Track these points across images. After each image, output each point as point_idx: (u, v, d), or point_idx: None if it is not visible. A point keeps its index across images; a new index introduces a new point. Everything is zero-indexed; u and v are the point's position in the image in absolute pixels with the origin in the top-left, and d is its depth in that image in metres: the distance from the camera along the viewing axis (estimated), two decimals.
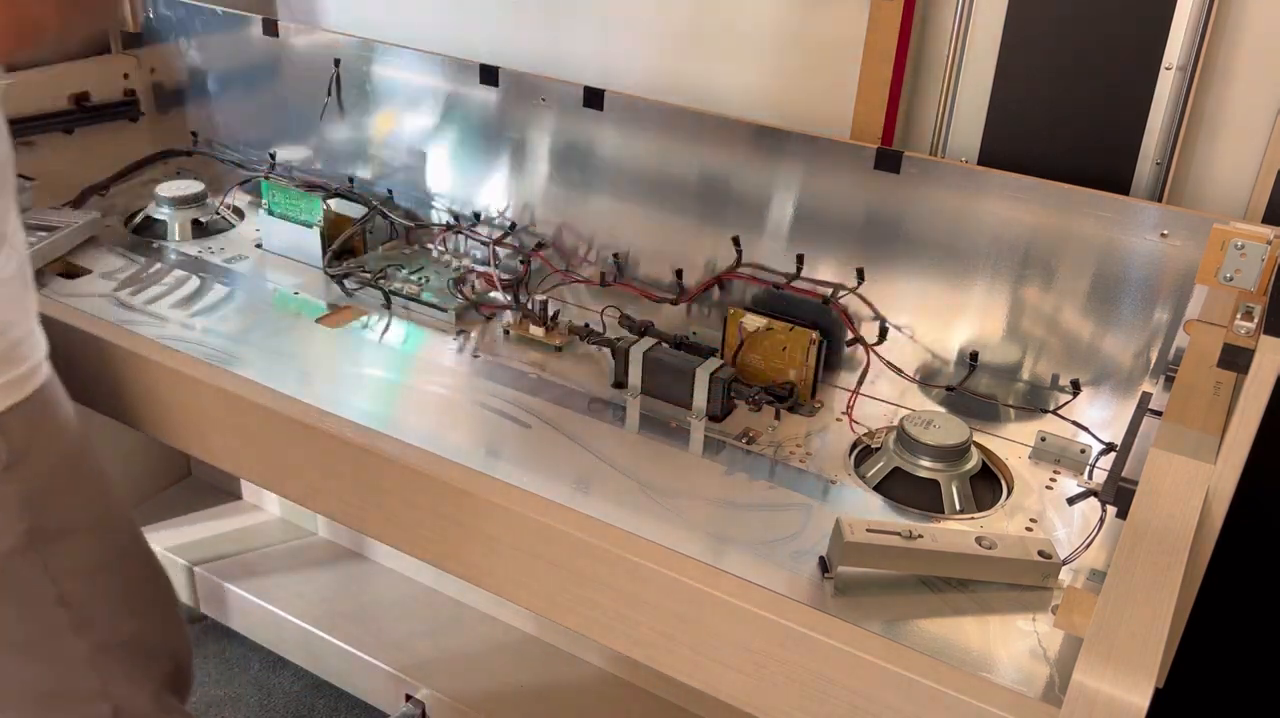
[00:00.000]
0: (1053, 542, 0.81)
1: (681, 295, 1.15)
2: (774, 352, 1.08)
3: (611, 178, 1.17)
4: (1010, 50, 1.01)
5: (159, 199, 1.36)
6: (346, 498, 0.96)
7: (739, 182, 1.10)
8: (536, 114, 1.20)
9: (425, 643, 1.49)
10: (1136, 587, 0.65)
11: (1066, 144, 1.01)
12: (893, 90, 1.05)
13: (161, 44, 1.47)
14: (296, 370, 1.06)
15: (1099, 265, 0.96)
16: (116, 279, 1.22)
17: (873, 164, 1.02)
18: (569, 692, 1.43)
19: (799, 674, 0.74)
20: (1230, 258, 0.81)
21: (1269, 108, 0.93)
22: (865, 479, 0.94)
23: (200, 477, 1.82)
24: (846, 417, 1.03)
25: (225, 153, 1.47)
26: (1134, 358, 0.97)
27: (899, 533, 0.78)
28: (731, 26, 1.15)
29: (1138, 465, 0.76)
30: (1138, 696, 0.59)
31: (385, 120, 1.32)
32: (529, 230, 1.25)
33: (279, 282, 1.25)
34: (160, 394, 1.06)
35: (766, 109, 1.14)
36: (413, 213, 1.33)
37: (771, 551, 0.83)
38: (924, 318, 1.05)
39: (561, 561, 0.83)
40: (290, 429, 0.96)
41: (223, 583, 1.59)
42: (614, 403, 1.05)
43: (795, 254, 1.09)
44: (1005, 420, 1.02)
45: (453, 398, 1.04)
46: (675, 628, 0.79)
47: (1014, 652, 0.74)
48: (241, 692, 1.56)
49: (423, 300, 1.19)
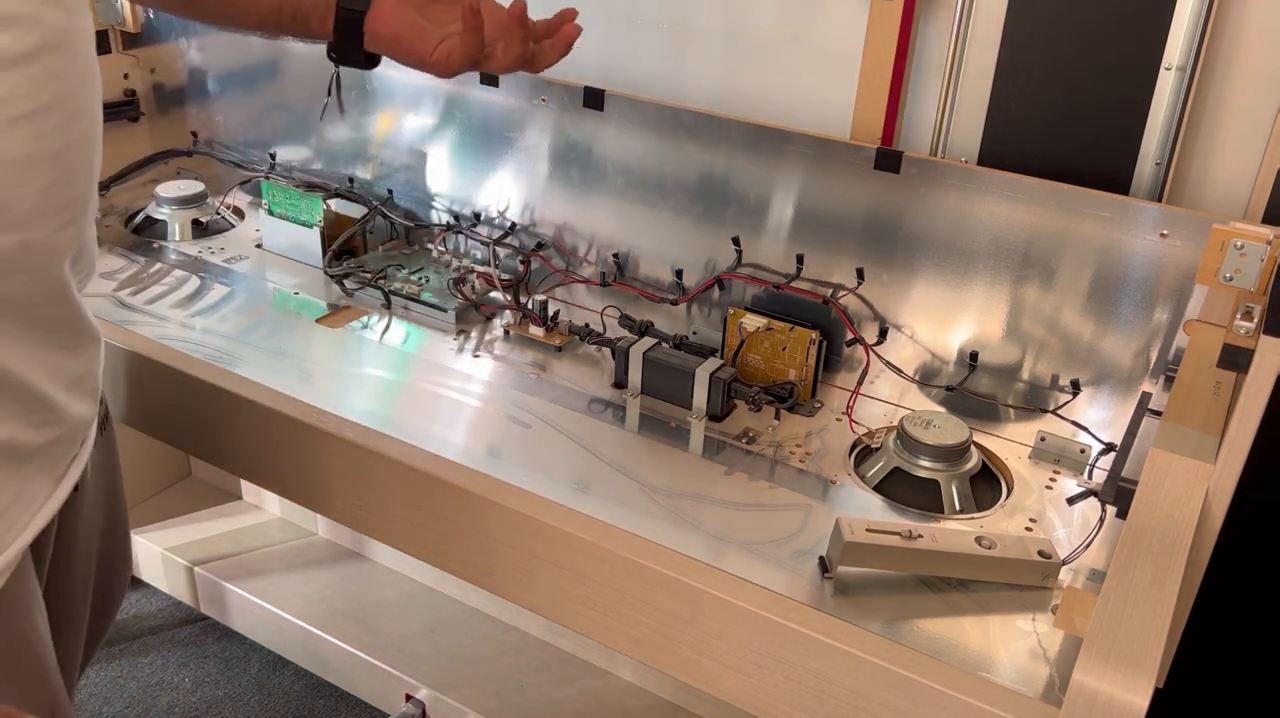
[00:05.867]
0: (1053, 542, 0.81)
1: (681, 295, 1.15)
2: (774, 352, 1.08)
3: (611, 178, 1.17)
4: (1010, 50, 1.01)
5: (159, 199, 1.36)
6: (346, 498, 0.96)
7: (739, 182, 1.10)
8: (536, 114, 1.20)
9: (425, 643, 1.49)
10: (1136, 587, 0.65)
11: (1066, 144, 1.01)
12: (893, 90, 1.05)
13: (161, 44, 1.47)
14: (296, 370, 1.06)
15: (1099, 265, 0.96)
16: (117, 279, 1.22)
17: (873, 164, 1.02)
18: (569, 692, 1.43)
19: (799, 674, 0.74)
20: (1230, 258, 0.81)
21: (1269, 108, 0.93)
22: (865, 479, 0.94)
23: (200, 477, 1.82)
24: (846, 417, 1.03)
25: (225, 153, 1.47)
26: (1134, 358, 0.97)
27: (899, 533, 0.78)
28: (734, 26, 1.15)
29: (1138, 465, 0.76)
30: (1138, 696, 0.59)
31: (385, 120, 1.32)
32: (529, 230, 1.25)
33: (279, 282, 1.25)
34: (160, 394, 1.06)
35: (767, 109, 1.14)
36: (413, 213, 1.33)
37: (771, 550, 0.83)
38: (924, 318, 1.05)
39: (561, 560, 0.83)
40: (290, 429, 0.96)
41: (223, 583, 1.59)
42: (614, 403, 1.05)
43: (795, 254, 1.09)
44: (1005, 420, 1.02)
45: (453, 398, 1.04)
46: (675, 628, 0.79)
47: (1014, 652, 0.74)
48: (241, 692, 1.56)
49: (423, 300, 1.19)
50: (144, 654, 1.62)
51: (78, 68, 0.62)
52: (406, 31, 0.83)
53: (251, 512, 1.75)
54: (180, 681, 1.58)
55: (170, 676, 1.59)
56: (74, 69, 0.61)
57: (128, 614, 1.68)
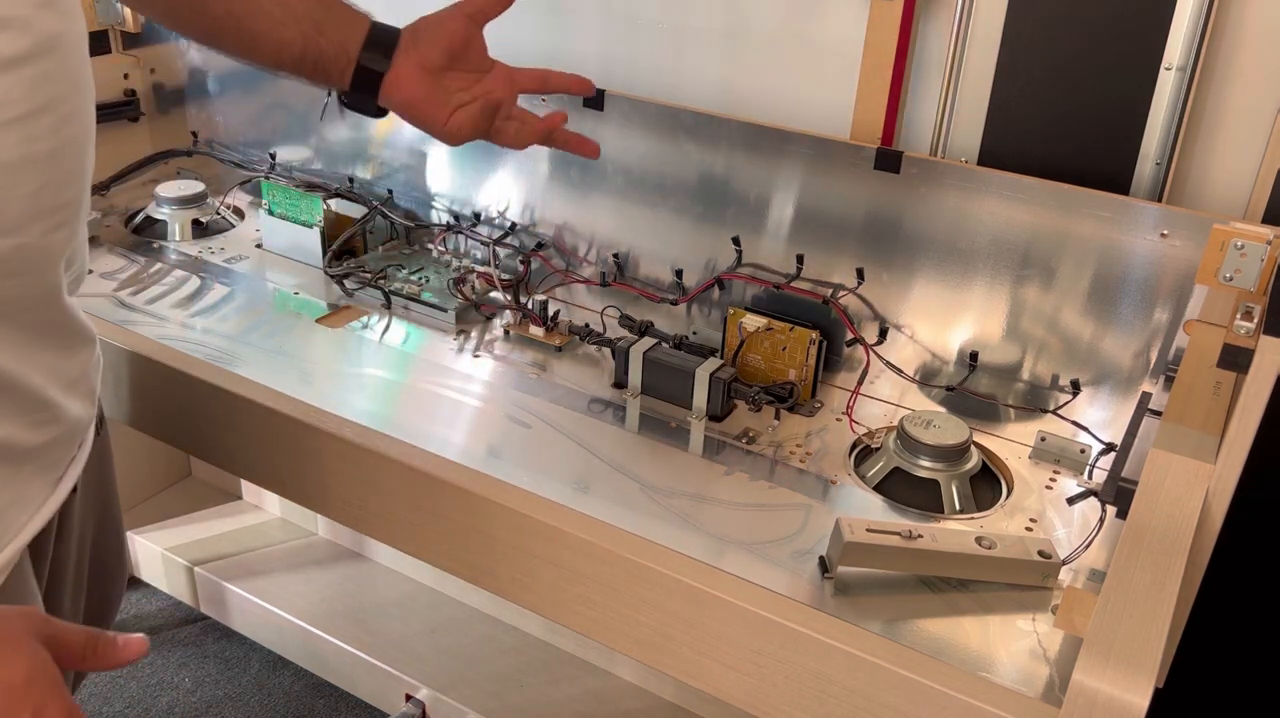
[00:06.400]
0: (1053, 542, 0.81)
1: (681, 295, 1.15)
2: (774, 352, 1.08)
3: (611, 178, 1.17)
4: (1010, 50, 1.01)
5: (159, 199, 1.36)
6: (346, 498, 0.96)
7: (739, 181, 1.10)
8: (537, 114, 1.19)
9: (425, 643, 1.49)
10: (1136, 587, 0.65)
11: (1066, 144, 1.01)
12: (893, 90, 1.05)
13: (161, 44, 1.47)
14: (296, 370, 1.06)
15: (1099, 265, 0.96)
16: (117, 279, 1.22)
17: (873, 164, 1.02)
18: (569, 692, 1.43)
19: (799, 674, 0.75)
20: (1230, 258, 0.81)
21: (1269, 108, 0.93)
22: (865, 479, 0.94)
23: (200, 477, 1.82)
24: (846, 417, 1.03)
25: (225, 153, 1.47)
26: (1134, 358, 0.97)
27: (899, 533, 0.78)
28: (734, 26, 1.15)
29: (1138, 465, 0.76)
30: (1138, 696, 0.59)
31: (385, 120, 1.31)
32: (529, 230, 1.25)
33: (279, 282, 1.25)
34: (160, 394, 1.06)
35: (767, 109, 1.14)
36: (413, 213, 1.33)
37: (771, 550, 0.83)
38: (924, 318, 1.05)
39: (561, 560, 0.83)
40: (290, 429, 0.96)
41: (223, 583, 1.59)
42: (614, 403, 1.05)
43: (795, 254, 1.09)
44: (1005, 420, 1.02)
45: (453, 398, 1.04)
46: (675, 628, 0.79)
47: (1014, 652, 0.74)
48: (241, 692, 1.56)
49: (423, 300, 1.19)
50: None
51: (70, 71, 0.62)
52: (422, 98, 0.84)
53: (251, 512, 1.75)
54: (180, 681, 1.58)
55: (170, 676, 1.59)
56: (67, 72, 0.61)
57: (128, 614, 1.68)
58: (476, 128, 0.85)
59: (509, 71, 0.88)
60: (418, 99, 0.84)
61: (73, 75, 0.62)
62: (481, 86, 0.86)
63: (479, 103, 0.84)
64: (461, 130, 0.85)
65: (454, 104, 0.84)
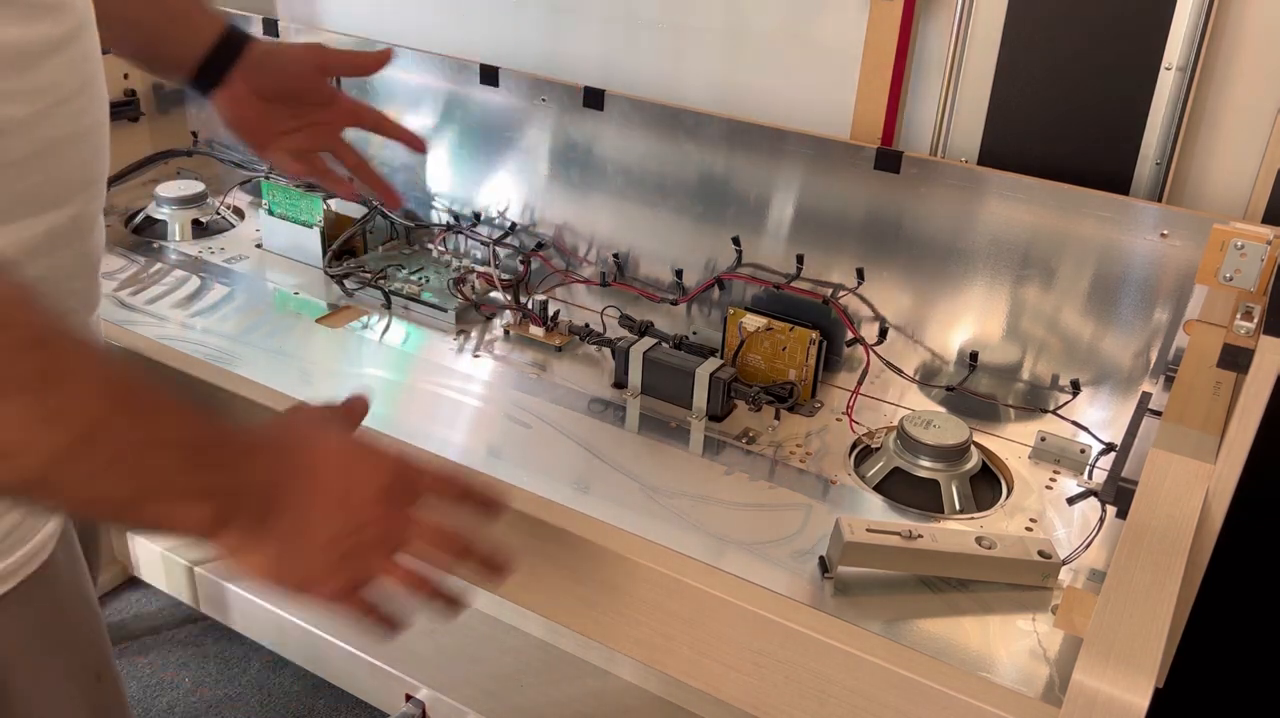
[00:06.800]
0: (1053, 542, 0.81)
1: (681, 295, 1.15)
2: (774, 352, 1.08)
3: (611, 178, 1.17)
4: (1010, 50, 1.01)
5: (159, 199, 1.36)
6: None
7: (739, 182, 1.10)
8: (536, 114, 1.20)
9: (425, 643, 1.49)
10: (1136, 587, 0.65)
11: (1066, 144, 1.01)
12: (893, 90, 1.05)
13: None
14: (296, 370, 1.06)
15: (1099, 265, 0.96)
16: (117, 279, 1.22)
17: (873, 164, 1.02)
18: (569, 692, 1.43)
19: (799, 674, 0.74)
20: (1230, 258, 0.81)
21: (1269, 108, 0.93)
22: (865, 479, 0.94)
23: None
24: (846, 417, 1.03)
25: (225, 153, 1.47)
26: (1134, 358, 0.97)
27: (899, 533, 0.78)
28: (734, 26, 1.15)
29: (1138, 465, 0.76)
30: (1138, 696, 0.59)
31: None
32: (529, 230, 1.25)
33: (279, 282, 1.25)
34: None
35: (767, 109, 1.14)
36: (413, 213, 1.33)
37: (771, 550, 0.83)
38: (924, 318, 1.05)
39: (562, 561, 0.83)
40: None
41: (223, 583, 1.59)
42: (614, 403, 1.05)
43: (795, 254, 1.09)
44: (1005, 420, 1.02)
45: (453, 398, 1.04)
46: (675, 628, 0.79)
47: (1014, 652, 0.74)
48: (241, 692, 1.56)
49: (423, 300, 1.19)
50: (144, 654, 1.62)
51: (96, 49, 0.65)
52: (248, 121, 0.89)
53: None
54: (180, 681, 1.58)
55: (170, 676, 1.59)
56: (96, 50, 0.65)
57: (128, 614, 1.68)
58: (295, 174, 0.91)
59: (353, 106, 0.94)
60: (243, 121, 0.89)
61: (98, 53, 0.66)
62: (312, 116, 0.91)
63: (302, 133, 0.90)
64: (284, 167, 0.90)
65: (278, 131, 0.89)
